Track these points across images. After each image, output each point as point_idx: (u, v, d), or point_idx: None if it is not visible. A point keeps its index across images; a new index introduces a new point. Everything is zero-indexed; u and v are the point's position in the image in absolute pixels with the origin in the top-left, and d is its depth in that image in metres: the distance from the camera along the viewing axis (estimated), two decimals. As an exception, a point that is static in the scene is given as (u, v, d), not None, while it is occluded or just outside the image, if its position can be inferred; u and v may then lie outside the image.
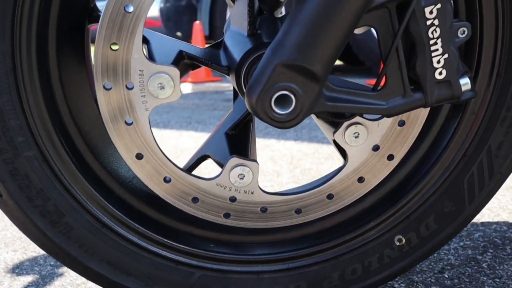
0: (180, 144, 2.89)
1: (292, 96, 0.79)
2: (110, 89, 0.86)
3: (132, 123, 0.88)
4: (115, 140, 0.88)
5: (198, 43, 5.49)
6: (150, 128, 0.89)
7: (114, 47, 0.84)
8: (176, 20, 6.59)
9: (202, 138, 3.00)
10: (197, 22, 5.81)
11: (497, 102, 0.99)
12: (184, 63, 0.98)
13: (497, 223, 1.58)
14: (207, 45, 1.01)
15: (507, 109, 0.99)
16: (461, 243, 1.44)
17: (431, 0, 0.81)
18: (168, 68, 0.86)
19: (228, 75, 0.97)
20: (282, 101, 0.79)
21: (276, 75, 0.78)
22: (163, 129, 3.42)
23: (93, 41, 0.89)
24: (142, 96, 0.87)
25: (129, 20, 0.83)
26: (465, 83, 0.87)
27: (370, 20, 0.82)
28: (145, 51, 0.97)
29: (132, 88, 0.86)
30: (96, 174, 0.97)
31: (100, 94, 0.86)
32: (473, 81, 0.91)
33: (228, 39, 1.00)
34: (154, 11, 6.54)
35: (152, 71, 0.86)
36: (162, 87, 0.86)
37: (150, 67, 0.86)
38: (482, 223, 1.58)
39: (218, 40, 1.02)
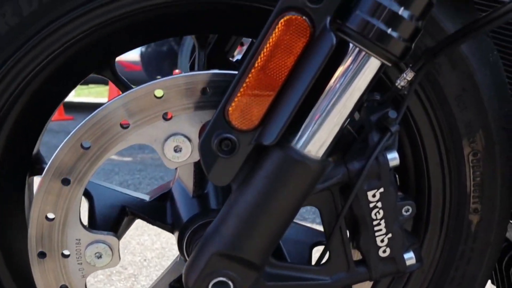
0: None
1: (230, 283, 0.77)
2: (45, 257, 0.83)
3: (67, 289, 0.85)
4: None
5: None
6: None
7: (50, 215, 0.82)
8: (157, 65, 6.60)
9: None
10: (177, 70, 5.83)
11: (446, 262, 0.98)
12: (128, 218, 0.96)
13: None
14: (153, 198, 0.99)
15: (455, 269, 0.98)
16: None
17: (374, 184, 0.80)
18: (106, 237, 0.84)
19: (173, 233, 0.95)
20: (220, 285, 0.77)
21: (213, 264, 0.76)
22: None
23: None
24: (78, 263, 0.84)
25: (67, 191, 0.81)
26: (410, 257, 0.86)
27: (313, 201, 0.81)
28: (84, 217, 0.94)
29: (68, 256, 0.84)
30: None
31: (34, 262, 0.83)
32: (420, 249, 0.91)
33: (175, 192, 0.98)
34: (135, 55, 6.56)
35: (89, 240, 0.83)
36: (100, 256, 0.84)
37: (87, 236, 0.83)
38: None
39: (166, 190, 1.00)
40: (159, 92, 0.78)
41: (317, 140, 0.72)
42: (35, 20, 0.75)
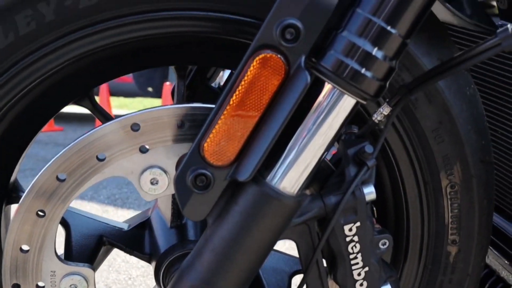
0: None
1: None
2: (19, 288, 0.82)
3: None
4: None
5: (168, 104, 5.48)
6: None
7: (25, 247, 0.81)
8: (148, 77, 6.59)
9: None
10: (167, 83, 5.82)
11: (425, 293, 0.98)
12: (106, 248, 0.95)
13: None
14: (131, 226, 0.99)
15: (434, 299, 0.98)
16: None
17: (350, 219, 0.80)
18: (81, 269, 0.83)
19: (150, 263, 0.95)
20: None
21: (187, 299, 0.76)
22: (120, 208, 3.35)
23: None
24: (53, 295, 0.83)
25: (42, 223, 0.80)
26: (387, 289, 0.86)
27: (290, 235, 0.81)
28: (61, 247, 0.93)
29: (43, 288, 0.83)
30: None
31: (8, 294, 0.82)
32: (398, 281, 0.91)
33: (154, 221, 0.98)
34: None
35: (64, 272, 0.83)
36: (75, 288, 0.83)
37: (63, 268, 0.82)
38: None
39: (144, 219, 0.99)
40: (136, 126, 0.77)
41: (292, 176, 0.72)
42: (11, 52, 0.75)
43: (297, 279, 0.92)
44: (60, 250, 0.87)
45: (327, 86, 0.70)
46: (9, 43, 0.74)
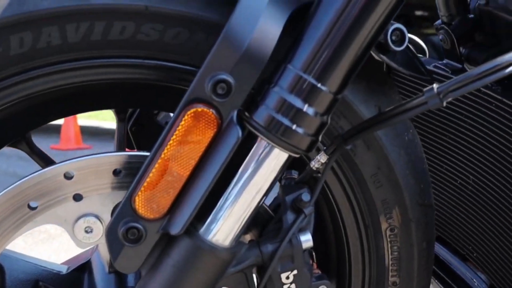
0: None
1: None
2: None
3: None
4: None
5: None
6: None
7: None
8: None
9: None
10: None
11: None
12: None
13: None
14: (71, 268, 0.97)
15: None
16: None
17: (287, 266, 0.80)
18: (13, 318, 0.81)
19: (89, 308, 0.93)
20: None
21: None
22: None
23: None
24: None
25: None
26: (326, 335, 0.86)
27: (226, 283, 0.80)
28: None
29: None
30: None
31: None
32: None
33: (94, 263, 0.96)
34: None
35: (-5, 321, 0.80)
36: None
37: (-6, 317, 0.80)
38: None
39: (84, 261, 0.97)
40: (69, 174, 0.76)
41: (225, 229, 0.72)
42: None
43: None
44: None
45: (260, 140, 0.70)
46: None
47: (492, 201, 1.07)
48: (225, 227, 0.72)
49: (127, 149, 0.90)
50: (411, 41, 1.30)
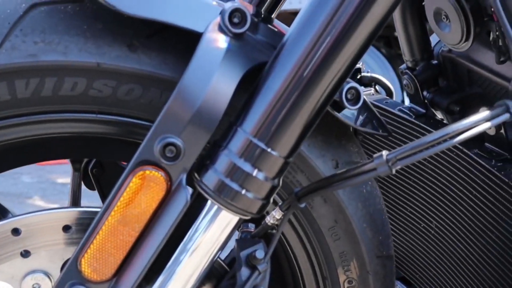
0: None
1: None
2: None
3: None
4: None
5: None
6: None
7: None
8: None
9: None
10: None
11: None
12: None
13: None
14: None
15: None
16: None
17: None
18: None
19: None
20: None
21: None
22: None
23: None
24: None
25: None
26: None
27: None
28: None
29: None
30: None
31: None
32: None
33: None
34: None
35: None
36: None
37: None
38: None
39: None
40: (16, 230, 0.74)
41: (174, 291, 0.71)
42: None
43: None
44: None
45: (209, 202, 0.69)
46: None
47: (453, 245, 1.07)
48: (174, 289, 0.71)
49: (84, 205, 0.88)
50: (379, 82, 1.31)
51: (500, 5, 0.78)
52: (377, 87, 1.32)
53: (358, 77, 1.29)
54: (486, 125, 0.66)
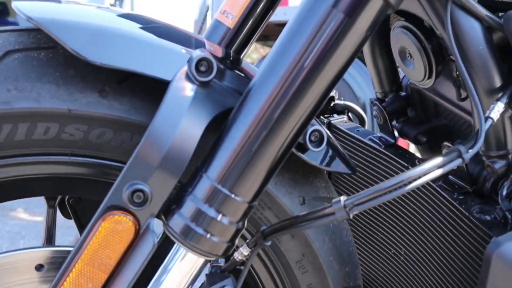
0: None
1: None
2: None
3: None
4: None
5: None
6: None
7: None
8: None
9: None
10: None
11: None
12: None
13: None
14: None
15: None
16: None
17: None
18: None
19: None
20: None
21: None
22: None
23: None
24: None
25: None
26: None
27: None
28: None
29: None
30: None
31: None
32: None
33: None
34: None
35: None
36: None
37: None
38: None
39: None
40: (-11, 270, 0.76)
41: (142, 330, 0.74)
42: None
43: None
44: None
45: (176, 245, 0.72)
46: None
47: (421, 271, 1.11)
48: (142, 328, 0.74)
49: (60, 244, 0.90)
50: (351, 109, 1.35)
51: (457, 49, 0.82)
52: (350, 114, 1.36)
53: (332, 104, 1.32)
54: (439, 171, 0.70)
